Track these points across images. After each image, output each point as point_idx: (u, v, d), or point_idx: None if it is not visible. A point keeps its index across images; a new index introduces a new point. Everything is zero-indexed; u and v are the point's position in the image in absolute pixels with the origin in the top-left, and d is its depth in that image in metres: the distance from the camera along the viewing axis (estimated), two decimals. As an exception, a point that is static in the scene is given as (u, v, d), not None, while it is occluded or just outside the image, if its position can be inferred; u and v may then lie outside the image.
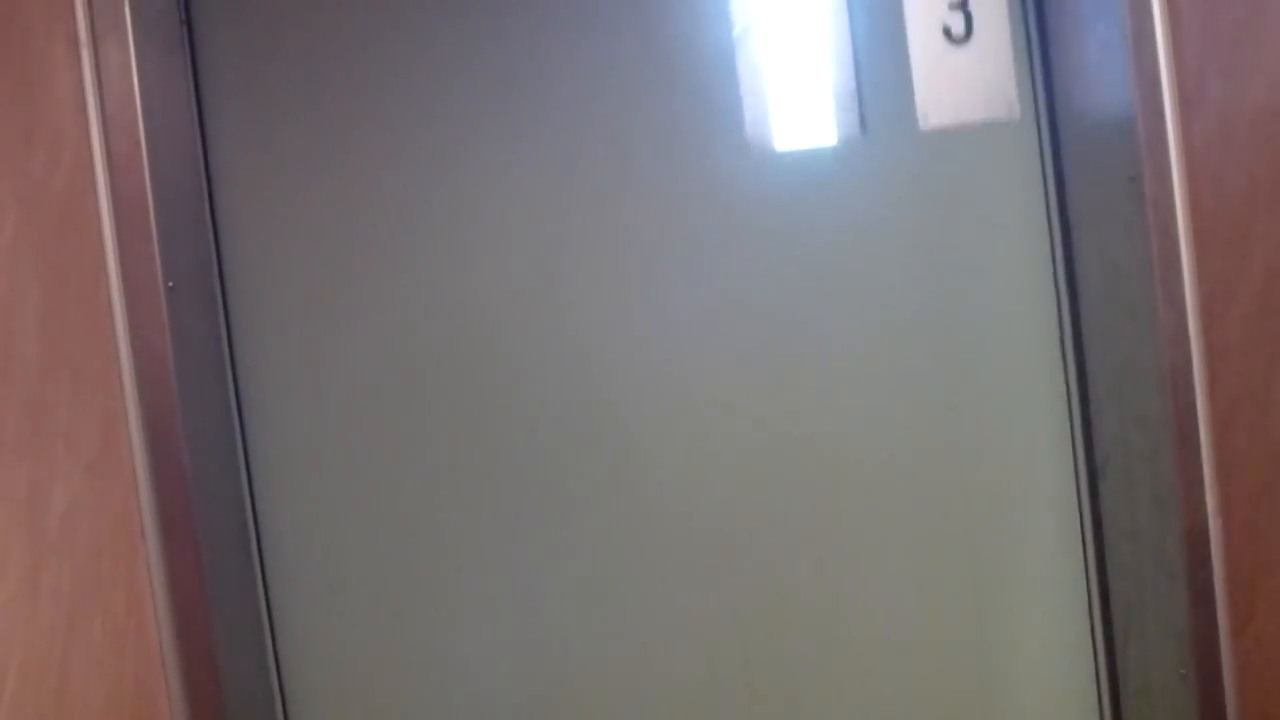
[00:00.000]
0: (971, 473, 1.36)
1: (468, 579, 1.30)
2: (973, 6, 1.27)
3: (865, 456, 1.34)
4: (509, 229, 1.29)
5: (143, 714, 1.08)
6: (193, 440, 1.11)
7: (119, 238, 1.08)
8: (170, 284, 1.10)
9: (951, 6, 1.27)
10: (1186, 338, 1.16)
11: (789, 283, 1.32)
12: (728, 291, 1.31)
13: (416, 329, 1.29)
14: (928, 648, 1.36)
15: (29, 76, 1.06)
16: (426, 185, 1.28)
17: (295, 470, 1.28)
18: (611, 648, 1.32)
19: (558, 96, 1.29)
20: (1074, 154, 1.30)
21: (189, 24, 1.24)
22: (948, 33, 1.27)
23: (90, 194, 1.07)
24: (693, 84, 1.29)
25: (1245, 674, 1.18)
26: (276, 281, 1.27)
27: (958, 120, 1.29)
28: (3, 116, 1.05)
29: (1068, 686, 1.38)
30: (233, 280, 1.27)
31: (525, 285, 1.30)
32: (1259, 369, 1.16)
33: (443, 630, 1.30)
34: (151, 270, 1.09)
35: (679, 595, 1.33)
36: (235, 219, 1.27)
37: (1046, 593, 1.37)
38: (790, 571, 1.34)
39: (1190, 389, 1.16)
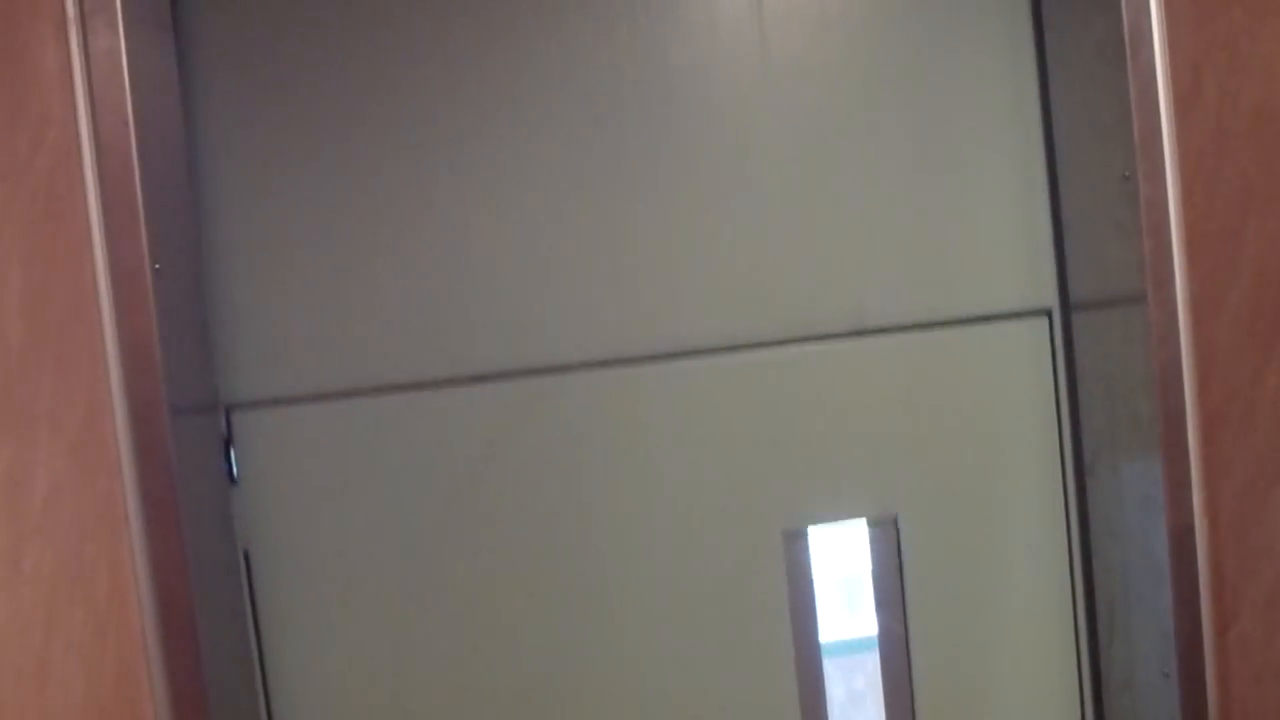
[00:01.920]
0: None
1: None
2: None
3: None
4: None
5: (125, 699, 1.07)
6: (177, 423, 1.10)
7: (105, 218, 1.07)
8: (157, 266, 1.09)
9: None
10: (1176, 338, 1.16)
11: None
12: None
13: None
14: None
15: (14, 54, 1.04)
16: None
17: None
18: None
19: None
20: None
21: (177, 3, 1.22)
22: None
23: (76, 174, 1.06)
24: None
25: (1228, 674, 1.18)
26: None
27: None
28: (-12, 94, 1.04)
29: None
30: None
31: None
32: (1247, 371, 1.17)
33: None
34: (138, 252, 1.07)
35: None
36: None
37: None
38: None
39: (1179, 389, 1.16)
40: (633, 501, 1.32)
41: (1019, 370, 1.36)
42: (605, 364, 1.31)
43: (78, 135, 1.06)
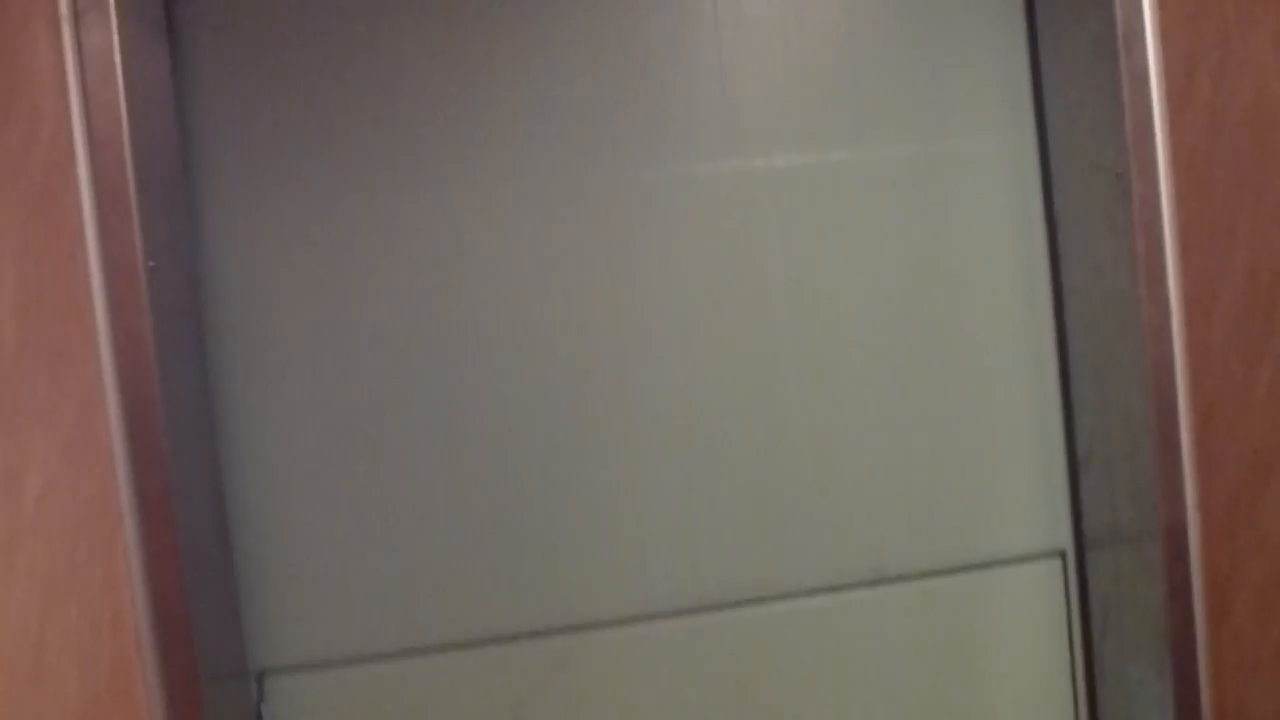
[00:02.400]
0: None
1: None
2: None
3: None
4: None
5: (119, 696, 1.07)
6: (171, 422, 1.10)
7: (99, 216, 1.06)
8: (151, 264, 1.09)
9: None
10: (1169, 335, 1.17)
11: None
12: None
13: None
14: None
15: (7, 52, 1.04)
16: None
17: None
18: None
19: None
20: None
21: (171, 0, 1.22)
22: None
23: (70, 171, 1.06)
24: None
25: (1221, 668, 1.19)
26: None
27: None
28: (-20, 92, 1.04)
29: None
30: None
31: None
32: (1240, 367, 1.17)
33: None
34: (132, 250, 1.07)
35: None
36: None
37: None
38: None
39: (1172, 386, 1.17)
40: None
41: (1034, 610, 1.38)
42: (627, 621, 1.32)
43: (71, 133, 1.05)
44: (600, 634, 1.32)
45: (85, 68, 1.06)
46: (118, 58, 1.06)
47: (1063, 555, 1.37)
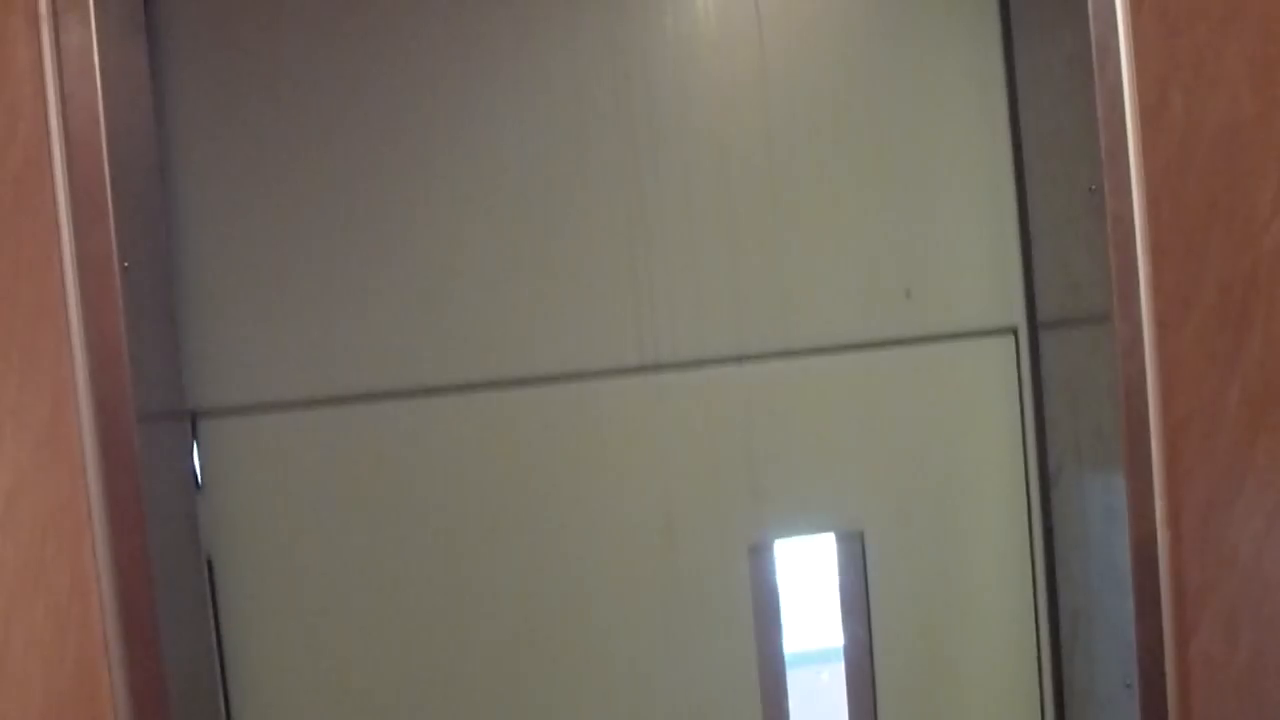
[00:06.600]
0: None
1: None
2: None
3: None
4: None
5: (85, 696, 1.07)
6: (143, 422, 1.10)
7: (74, 215, 1.06)
8: (125, 264, 1.09)
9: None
10: (1141, 350, 1.17)
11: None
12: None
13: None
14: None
15: (-15, 49, 1.04)
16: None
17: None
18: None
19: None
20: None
21: (150, 0, 1.22)
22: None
23: (46, 170, 1.05)
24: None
25: (1189, 685, 1.19)
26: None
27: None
28: (-43, 90, 1.04)
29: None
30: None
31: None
32: (1211, 383, 1.18)
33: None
34: (107, 249, 1.07)
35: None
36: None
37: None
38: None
39: (1144, 401, 1.17)
40: (599, 514, 1.32)
41: (985, 387, 1.37)
42: (572, 377, 1.31)
43: (48, 131, 1.05)
44: (540, 390, 1.31)
45: (63, 66, 1.06)
46: (96, 56, 1.07)
47: (1014, 332, 1.37)
